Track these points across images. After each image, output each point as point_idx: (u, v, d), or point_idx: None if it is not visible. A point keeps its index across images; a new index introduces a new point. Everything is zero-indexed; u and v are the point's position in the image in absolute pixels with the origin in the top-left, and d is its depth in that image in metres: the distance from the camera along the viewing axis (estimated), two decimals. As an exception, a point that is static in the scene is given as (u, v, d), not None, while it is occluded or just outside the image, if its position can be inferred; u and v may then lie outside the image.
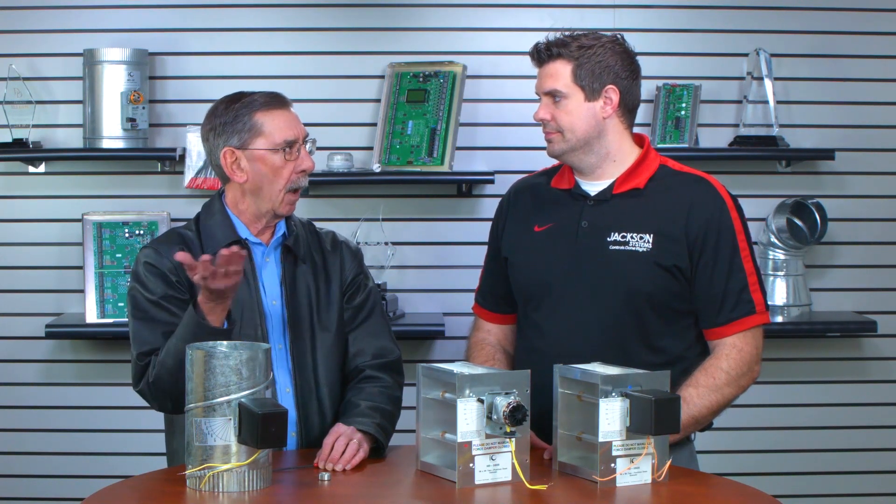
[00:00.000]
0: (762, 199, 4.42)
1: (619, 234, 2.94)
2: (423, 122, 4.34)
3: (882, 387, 4.54)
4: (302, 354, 2.96)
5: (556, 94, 2.94)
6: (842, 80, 4.46)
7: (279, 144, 2.90)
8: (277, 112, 2.92)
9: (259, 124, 2.90)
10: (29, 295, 4.39)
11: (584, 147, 2.96)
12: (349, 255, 3.08)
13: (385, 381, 3.00)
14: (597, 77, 2.93)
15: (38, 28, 4.34)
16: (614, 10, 4.41)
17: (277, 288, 2.97)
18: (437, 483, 2.61)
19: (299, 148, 2.93)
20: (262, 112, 2.91)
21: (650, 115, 4.38)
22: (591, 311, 2.94)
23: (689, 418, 2.82)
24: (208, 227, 2.97)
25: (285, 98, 2.97)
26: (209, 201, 3.03)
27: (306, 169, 2.94)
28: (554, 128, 2.95)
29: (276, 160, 2.90)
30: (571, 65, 2.93)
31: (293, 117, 2.95)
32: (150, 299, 2.89)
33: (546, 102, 2.96)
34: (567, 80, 2.93)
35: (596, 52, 2.93)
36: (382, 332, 3.07)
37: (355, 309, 3.05)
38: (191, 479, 2.54)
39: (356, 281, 3.07)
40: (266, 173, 2.91)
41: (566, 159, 2.99)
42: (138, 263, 2.94)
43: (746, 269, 2.94)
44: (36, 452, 4.41)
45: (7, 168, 4.36)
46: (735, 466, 4.34)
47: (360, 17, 4.41)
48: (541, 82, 2.98)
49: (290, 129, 2.92)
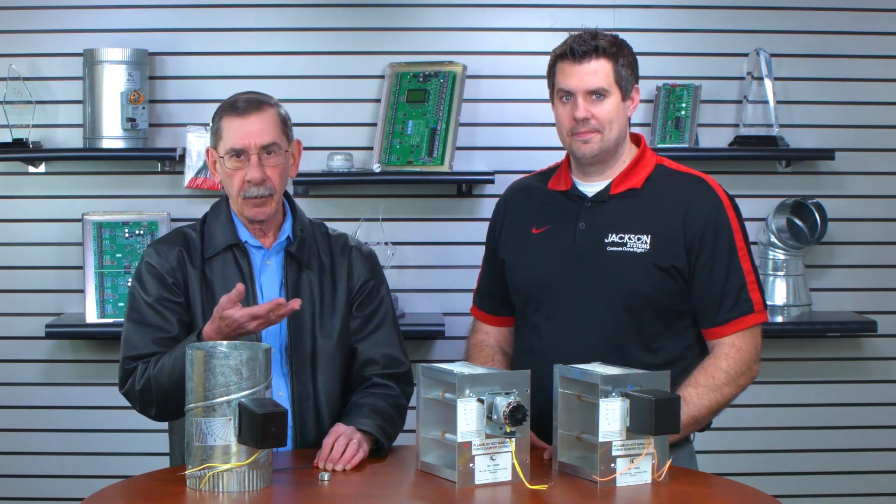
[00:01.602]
0: (762, 199, 4.42)
1: (617, 236, 2.94)
2: (423, 122, 4.33)
3: (882, 387, 4.54)
4: (301, 361, 2.95)
5: (600, 93, 2.90)
6: (842, 80, 4.46)
7: (228, 151, 2.90)
8: (234, 119, 2.90)
9: (221, 129, 2.92)
10: (29, 295, 4.38)
11: (614, 147, 2.95)
12: (360, 261, 3.05)
13: (392, 390, 2.98)
14: (629, 77, 2.93)
15: (38, 28, 4.34)
16: (614, 10, 4.40)
17: (277, 292, 2.96)
18: (437, 483, 2.61)
19: (249, 157, 2.89)
20: (226, 117, 2.92)
21: (650, 115, 4.38)
22: (589, 312, 2.94)
23: (689, 418, 2.82)
24: (212, 227, 2.98)
25: (258, 103, 2.93)
26: (217, 202, 3.05)
27: (252, 179, 2.89)
28: (594, 126, 2.91)
29: (228, 166, 2.91)
30: (611, 63, 2.91)
31: (251, 126, 2.89)
32: (145, 301, 2.92)
33: (585, 100, 2.90)
34: (610, 79, 2.91)
35: (626, 51, 2.94)
36: (393, 343, 3.04)
37: (366, 318, 3.02)
38: (191, 479, 2.54)
39: (366, 287, 3.03)
40: (225, 178, 2.94)
41: (600, 160, 2.96)
42: (141, 262, 2.98)
43: (744, 268, 2.94)
44: (36, 452, 4.41)
45: (7, 168, 4.36)
46: (735, 466, 4.34)
47: (360, 17, 4.41)
48: (583, 80, 2.90)
49: (238, 139, 2.89)
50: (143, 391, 2.87)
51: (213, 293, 2.92)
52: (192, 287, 2.93)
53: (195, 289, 2.93)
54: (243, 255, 2.95)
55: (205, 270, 2.94)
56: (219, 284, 2.93)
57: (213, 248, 2.95)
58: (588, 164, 2.98)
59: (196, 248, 2.95)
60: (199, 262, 2.95)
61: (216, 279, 2.93)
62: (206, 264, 2.95)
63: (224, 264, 2.95)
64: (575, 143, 2.93)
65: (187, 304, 2.93)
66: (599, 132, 2.91)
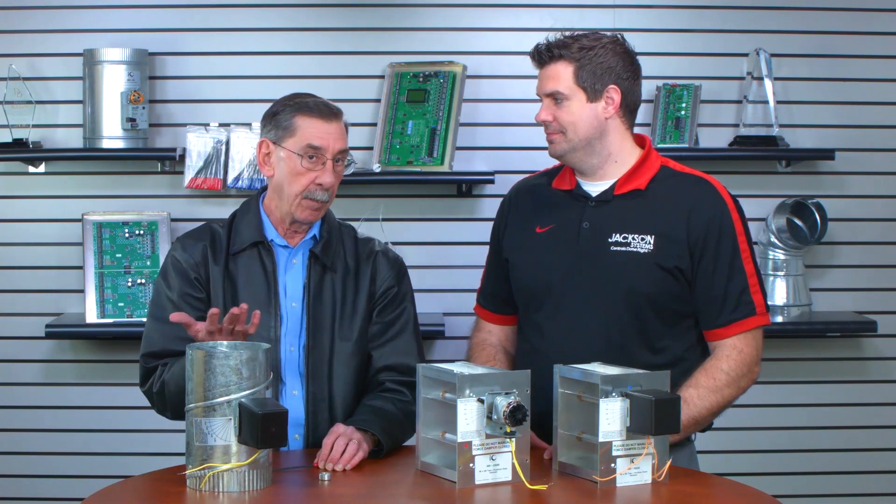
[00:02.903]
0: (762, 199, 4.42)
1: (621, 236, 2.94)
2: (423, 122, 4.33)
3: (882, 387, 4.54)
4: (319, 362, 2.95)
5: (558, 96, 2.93)
6: (842, 80, 4.46)
7: (303, 148, 2.90)
8: (317, 120, 2.91)
9: (295, 125, 2.91)
10: (29, 295, 4.39)
11: (586, 148, 2.95)
12: (385, 267, 3.05)
13: (403, 395, 2.97)
14: (598, 78, 2.92)
15: (38, 28, 4.34)
16: (614, 10, 4.41)
17: (300, 291, 2.97)
18: (437, 483, 2.61)
19: (325, 161, 2.91)
20: (303, 115, 2.92)
21: (650, 115, 4.38)
22: (592, 312, 2.94)
23: (690, 419, 2.82)
24: (239, 224, 3.00)
25: (335, 111, 2.95)
26: (248, 199, 3.06)
27: (323, 183, 2.90)
28: (556, 128, 2.94)
29: (297, 164, 2.91)
30: (573, 66, 2.92)
31: (333, 130, 2.92)
32: (168, 297, 2.94)
33: (548, 103, 2.95)
34: (569, 82, 2.93)
35: (597, 52, 2.92)
36: (411, 352, 3.02)
37: (386, 325, 3.02)
38: (191, 479, 2.54)
39: (388, 294, 3.03)
40: (286, 174, 2.92)
41: (568, 160, 2.99)
42: (168, 256, 3.00)
43: (747, 270, 2.94)
44: (36, 452, 4.41)
45: (7, 168, 4.36)
46: (735, 466, 4.35)
47: (360, 17, 4.41)
48: (542, 84, 2.97)
49: (319, 138, 2.90)
50: (158, 394, 2.91)
51: (236, 289, 2.94)
52: (214, 283, 2.94)
53: (218, 285, 2.94)
54: (268, 253, 2.96)
55: (229, 266, 2.96)
56: (242, 281, 2.94)
57: (238, 245, 2.96)
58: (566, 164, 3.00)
59: (221, 243, 2.97)
60: (224, 258, 2.96)
61: (240, 275, 2.95)
62: (230, 260, 2.96)
63: (249, 261, 2.96)
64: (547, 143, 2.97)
65: (209, 299, 2.94)
66: (562, 133, 2.94)
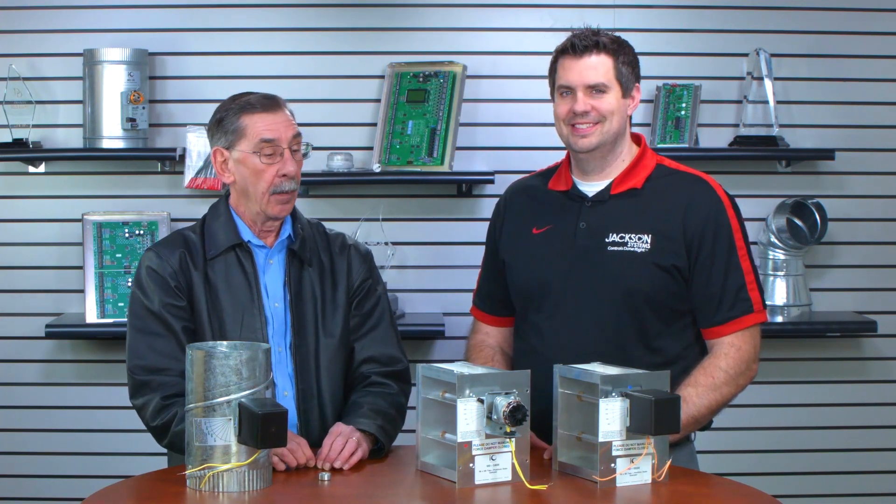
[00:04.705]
0: (762, 199, 4.42)
1: (618, 235, 2.94)
2: (423, 122, 4.33)
3: (882, 387, 4.54)
4: (305, 359, 2.95)
5: (601, 87, 2.91)
6: (842, 80, 4.46)
7: (257, 145, 2.88)
8: (263, 114, 2.89)
9: (243, 126, 2.89)
10: (29, 295, 4.39)
11: (612, 143, 2.95)
12: (358, 259, 3.05)
13: (391, 388, 2.98)
14: (629, 75, 2.94)
15: (38, 28, 4.34)
16: (614, 10, 4.40)
17: (281, 290, 2.96)
18: (437, 483, 2.61)
19: (282, 151, 2.89)
20: (248, 114, 2.90)
21: (650, 115, 4.38)
22: (589, 312, 2.94)
23: (689, 418, 2.82)
24: (212, 228, 2.96)
25: (277, 101, 2.93)
26: (216, 203, 3.03)
27: (287, 173, 2.89)
28: (594, 118, 2.92)
29: (256, 162, 2.89)
30: (612, 59, 2.92)
31: (280, 119, 2.90)
32: (148, 308, 2.88)
33: (585, 95, 2.92)
34: (610, 74, 2.92)
35: (626, 49, 2.96)
36: (391, 341, 3.04)
37: (363, 316, 3.03)
38: (191, 479, 2.54)
39: (364, 286, 3.03)
40: (248, 175, 2.90)
41: (597, 154, 2.96)
42: (141, 266, 2.94)
43: (744, 267, 2.94)
44: (36, 452, 4.41)
45: (7, 168, 4.36)
46: (735, 466, 4.34)
47: (360, 17, 4.41)
48: (582, 74, 2.92)
49: (270, 130, 2.88)
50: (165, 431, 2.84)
51: (216, 294, 2.91)
52: (196, 290, 2.91)
53: (199, 291, 2.91)
54: (247, 255, 2.94)
55: (207, 272, 2.92)
56: (222, 285, 2.92)
57: (215, 249, 2.93)
58: (588, 159, 2.97)
59: (197, 249, 2.93)
60: (202, 263, 2.93)
61: (219, 280, 2.92)
62: (208, 265, 2.93)
63: (227, 265, 2.93)
64: (573, 136, 2.94)
65: (191, 307, 2.90)
66: (600, 123, 2.92)
